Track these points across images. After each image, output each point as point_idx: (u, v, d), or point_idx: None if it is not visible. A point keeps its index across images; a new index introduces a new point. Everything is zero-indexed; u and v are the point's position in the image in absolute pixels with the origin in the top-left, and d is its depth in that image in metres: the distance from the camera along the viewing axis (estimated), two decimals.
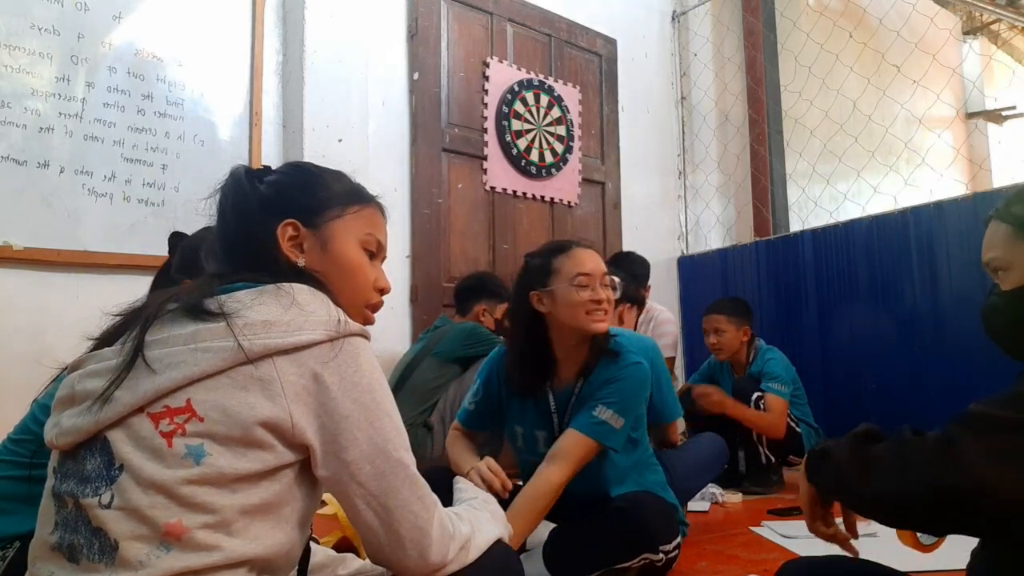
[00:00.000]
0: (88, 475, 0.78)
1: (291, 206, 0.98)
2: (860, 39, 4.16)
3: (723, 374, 3.11)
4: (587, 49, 3.97)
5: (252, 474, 0.78)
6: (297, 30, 2.80)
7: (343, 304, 0.91)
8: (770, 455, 2.78)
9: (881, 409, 3.17)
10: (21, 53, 2.24)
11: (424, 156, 3.20)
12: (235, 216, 0.97)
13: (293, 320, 0.81)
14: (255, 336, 0.79)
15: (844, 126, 3.96)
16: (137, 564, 0.74)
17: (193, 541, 0.75)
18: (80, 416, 0.80)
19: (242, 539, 0.77)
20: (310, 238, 0.97)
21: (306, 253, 0.96)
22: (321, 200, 1.00)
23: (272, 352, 0.79)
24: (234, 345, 0.78)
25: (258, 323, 0.80)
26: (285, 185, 1.00)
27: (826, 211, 4.13)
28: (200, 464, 0.76)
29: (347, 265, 0.99)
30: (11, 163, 2.21)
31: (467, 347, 2.59)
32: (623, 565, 1.55)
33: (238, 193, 0.99)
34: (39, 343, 2.16)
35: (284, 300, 0.83)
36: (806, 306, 3.53)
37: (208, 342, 0.79)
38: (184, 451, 0.76)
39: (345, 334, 0.83)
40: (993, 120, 6.21)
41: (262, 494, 0.79)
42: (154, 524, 0.74)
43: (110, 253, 2.36)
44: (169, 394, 0.78)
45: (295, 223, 0.96)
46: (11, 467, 1.33)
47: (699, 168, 4.42)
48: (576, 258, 1.66)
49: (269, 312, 0.82)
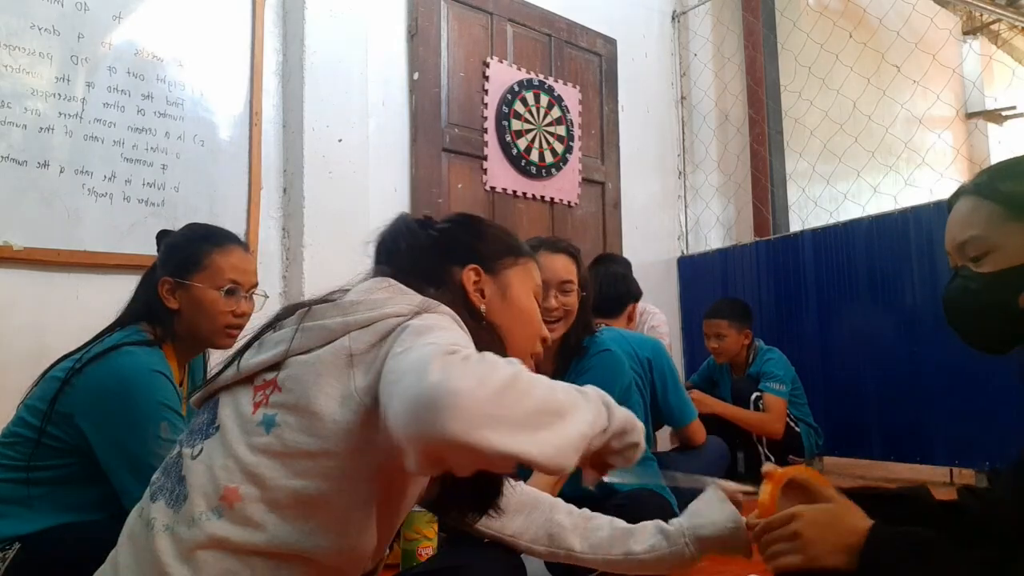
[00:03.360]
0: (195, 427, 0.85)
1: (472, 253, 1.00)
2: (860, 39, 4.16)
3: (722, 375, 3.11)
4: (587, 49, 3.97)
5: (314, 453, 0.76)
6: (297, 30, 2.80)
7: (513, 350, 0.93)
8: (770, 455, 2.78)
9: (881, 409, 3.17)
10: (21, 53, 2.24)
11: (424, 156, 3.20)
12: (412, 261, 0.96)
13: (379, 299, 0.82)
14: (341, 315, 0.80)
15: (844, 126, 3.96)
16: (190, 520, 0.76)
17: (243, 513, 0.76)
18: (213, 382, 0.87)
19: (292, 527, 0.76)
20: (491, 284, 0.99)
21: (487, 299, 0.98)
22: (498, 250, 1.03)
23: (351, 328, 0.79)
24: (324, 324, 0.80)
25: (347, 303, 0.82)
26: (462, 233, 1.03)
27: (826, 211, 4.13)
28: (269, 433, 0.77)
29: (523, 313, 1.01)
30: (11, 163, 2.21)
31: None
32: None
33: (415, 241, 0.99)
34: (39, 343, 2.16)
35: (384, 286, 0.86)
36: (806, 306, 3.53)
37: (307, 322, 0.81)
38: (261, 419, 0.78)
39: (428, 310, 0.81)
40: (993, 120, 6.21)
41: (320, 483, 0.77)
42: (217, 485, 0.77)
43: (110, 253, 2.36)
44: (269, 368, 0.81)
45: (478, 268, 0.98)
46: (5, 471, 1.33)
47: (699, 168, 4.42)
48: None
49: (365, 292, 0.84)
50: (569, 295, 1.73)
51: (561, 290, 1.72)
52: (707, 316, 3.01)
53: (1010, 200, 0.87)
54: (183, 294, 1.48)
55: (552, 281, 1.70)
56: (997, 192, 0.88)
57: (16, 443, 1.34)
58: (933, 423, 2.97)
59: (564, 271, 1.75)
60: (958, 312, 0.93)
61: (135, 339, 1.41)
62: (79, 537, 1.21)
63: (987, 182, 0.91)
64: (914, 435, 3.04)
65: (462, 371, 0.62)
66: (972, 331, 0.93)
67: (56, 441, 1.32)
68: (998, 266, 0.86)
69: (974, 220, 0.90)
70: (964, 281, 0.91)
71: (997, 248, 0.87)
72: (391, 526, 0.88)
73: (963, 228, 0.91)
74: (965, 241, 0.90)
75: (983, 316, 0.90)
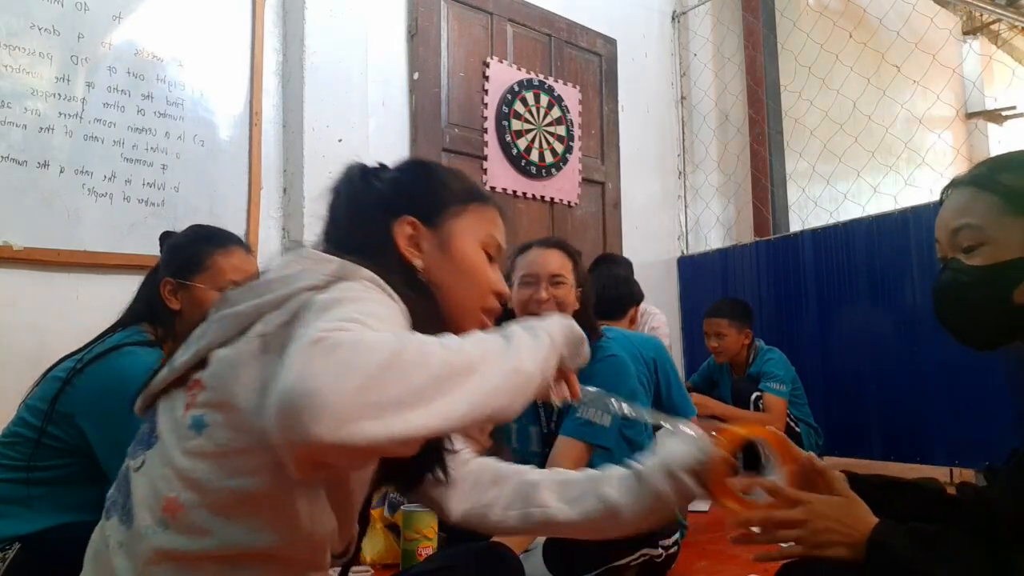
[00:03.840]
0: (139, 438, 0.81)
1: (409, 203, 0.91)
2: (860, 39, 4.15)
3: (722, 375, 3.11)
4: (587, 49, 3.97)
5: (245, 449, 0.72)
6: (297, 30, 2.80)
7: (458, 308, 0.87)
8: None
9: (881, 409, 3.17)
10: (21, 53, 2.24)
11: (424, 156, 3.19)
12: (348, 215, 0.90)
13: (295, 273, 0.75)
14: (252, 296, 0.75)
15: (844, 126, 3.95)
16: (139, 536, 0.73)
17: (187, 521, 0.72)
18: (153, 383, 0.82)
19: (239, 527, 0.72)
20: (429, 237, 0.91)
21: (424, 253, 0.90)
22: (441, 197, 0.94)
23: (264, 310, 0.73)
24: (237, 311, 0.75)
25: (260, 285, 0.76)
26: (403, 182, 0.94)
27: (826, 211, 4.13)
28: (201, 435, 0.73)
29: (467, 266, 0.92)
30: (11, 163, 2.21)
31: None
32: (623, 562, 1.55)
33: (352, 191, 0.92)
34: (39, 343, 2.16)
35: (309, 257, 0.79)
36: (806, 306, 3.53)
37: (223, 310, 0.77)
38: (190, 421, 0.74)
39: (345, 277, 0.73)
40: (993, 120, 6.21)
41: (258, 479, 0.72)
42: (158, 496, 0.73)
43: (110, 253, 2.36)
44: (196, 367, 0.76)
45: (414, 221, 0.90)
46: (5, 471, 1.33)
47: (699, 168, 4.42)
48: (527, 257, 1.76)
49: (280, 269, 0.78)
50: (560, 288, 1.72)
51: (552, 283, 1.72)
52: (707, 315, 3.01)
53: (1010, 193, 0.84)
54: (185, 295, 1.48)
55: (543, 275, 1.72)
56: (996, 184, 0.86)
57: (16, 443, 1.34)
58: (933, 423, 2.97)
59: (555, 264, 1.75)
60: (950, 305, 0.90)
61: (136, 339, 1.41)
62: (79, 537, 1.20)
63: (986, 173, 0.88)
64: (914, 435, 3.04)
65: (323, 365, 0.56)
66: (964, 325, 0.90)
67: (56, 441, 1.32)
68: (993, 259, 0.84)
69: (971, 209, 0.87)
70: (955, 274, 0.88)
71: (992, 240, 0.84)
72: (349, 504, 0.82)
73: (958, 215, 0.88)
74: (959, 228, 0.87)
75: (976, 310, 0.87)
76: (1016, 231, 0.83)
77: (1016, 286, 0.83)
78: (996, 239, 0.84)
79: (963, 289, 0.86)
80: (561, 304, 1.71)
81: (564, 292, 1.72)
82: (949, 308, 0.90)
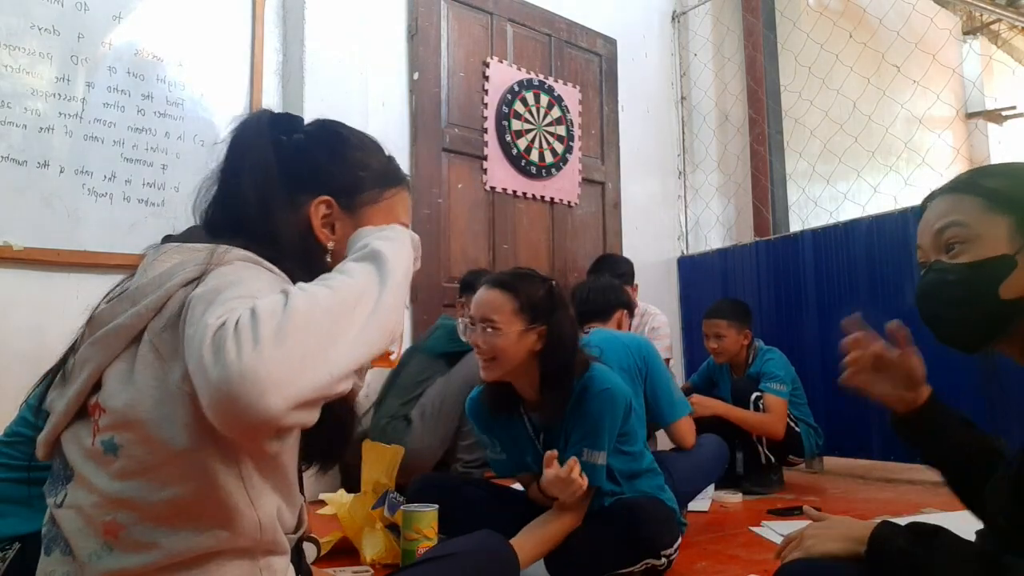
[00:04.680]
0: (55, 476, 0.78)
1: (327, 182, 0.87)
2: (860, 39, 4.15)
3: (722, 375, 3.10)
4: (587, 49, 3.97)
5: (167, 459, 0.70)
6: (297, 30, 2.80)
7: None
8: (770, 455, 2.78)
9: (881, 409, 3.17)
10: (21, 53, 2.24)
11: (424, 156, 3.20)
12: (254, 183, 0.84)
13: (168, 270, 0.73)
14: (131, 305, 0.72)
15: (844, 126, 3.96)
16: (84, 563, 0.72)
17: (131, 539, 0.71)
18: (47, 428, 0.79)
19: (184, 533, 0.71)
20: (344, 220, 0.87)
21: (336, 235, 0.87)
22: (360, 180, 0.90)
23: (145, 318, 0.71)
24: (118, 324, 0.72)
25: (134, 290, 0.74)
26: (320, 158, 0.89)
27: (826, 211, 4.13)
28: (118, 456, 0.71)
29: None
30: (11, 163, 2.21)
31: (452, 342, 2.60)
32: (625, 571, 1.56)
33: (261, 160, 0.85)
34: (39, 343, 2.16)
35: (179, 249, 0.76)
36: (806, 306, 3.53)
37: (99, 329, 0.74)
38: (102, 446, 0.72)
39: (220, 262, 0.72)
40: (993, 120, 6.21)
41: (188, 484, 0.71)
42: (95, 525, 0.72)
43: (110, 253, 2.36)
44: (92, 392, 0.74)
45: (330, 201, 0.87)
46: (6, 470, 1.33)
47: (699, 168, 4.42)
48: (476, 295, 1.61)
49: (151, 268, 0.74)
50: (493, 335, 1.51)
51: (483, 325, 1.53)
52: (706, 316, 3.01)
53: (992, 193, 0.85)
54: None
55: (475, 317, 1.55)
56: (978, 187, 0.87)
57: (18, 442, 1.34)
58: None
59: (484, 306, 1.55)
60: (935, 305, 0.89)
61: None
62: None
63: (967, 179, 0.90)
64: None
65: (236, 346, 0.58)
66: (950, 324, 0.89)
67: None
68: (978, 256, 0.84)
69: (955, 209, 0.88)
70: (939, 274, 0.88)
71: (977, 237, 0.85)
72: (287, 481, 0.80)
73: (942, 217, 0.89)
74: (945, 227, 0.88)
75: (962, 307, 0.86)
76: (1001, 227, 0.84)
77: (1002, 281, 0.83)
78: (981, 236, 0.85)
79: (949, 287, 0.86)
80: (494, 351, 1.52)
81: (494, 341, 1.51)
82: (935, 308, 0.90)
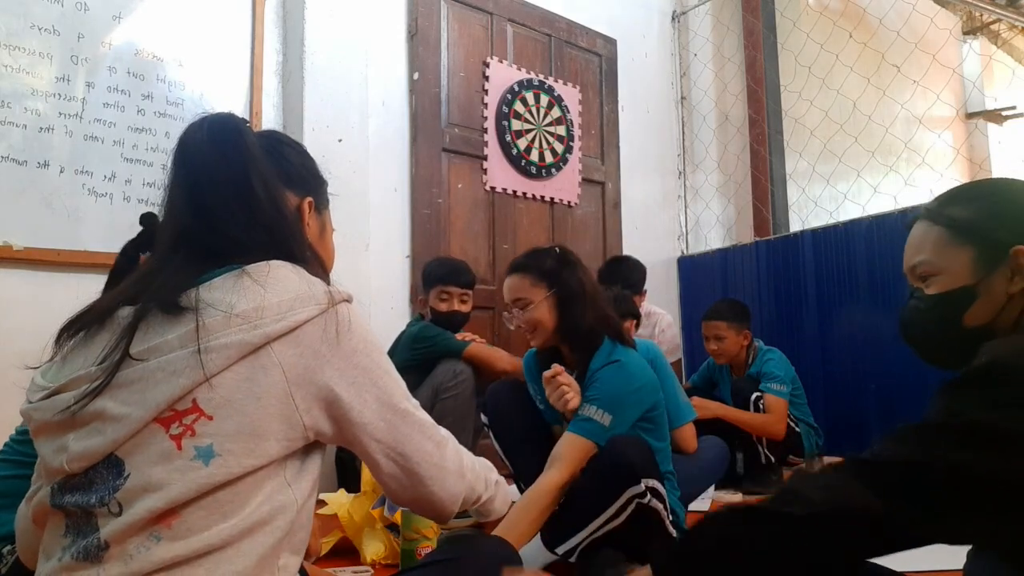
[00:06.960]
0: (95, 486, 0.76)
1: (314, 185, 1.00)
2: (860, 39, 4.16)
3: (722, 375, 3.10)
4: (587, 49, 3.97)
5: (258, 467, 0.76)
6: (297, 30, 2.80)
7: None
8: (770, 455, 2.78)
9: (881, 409, 3.17)
10: (21, 53, 2.24)
11: (424, 156, 3.20)
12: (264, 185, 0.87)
13: (283, 301, 0.79)
14: (251, 327, 0.77)
15: (844, 126, 3.96)
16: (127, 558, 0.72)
17: (183, 527, 0.73)
18: (91, 438, 0.77)
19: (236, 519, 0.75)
20: (314, 221, 0.99)
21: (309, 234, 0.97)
22: (323, 185, 1.03)
23: (271, 339, 0.77)
24: (234, 340, 0.76)
25: (250, 311, 0.77)
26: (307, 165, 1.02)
27: (826, 211, 4.14)
28: (209, 465, 0.74)
29: (329, 256, 1.03)
30: (11, 163, 2.21)
31: (412, 351, 2.50)
32: (612, 511, 1.51)
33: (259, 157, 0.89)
34: (40, 343, 2.14)
35: (267, 281, 0.80)
36: (806, 306, 3.53)
37: (206, 341, 0.75)
38: (193, 453, 0.74)
39: (335, 302, 0.83)
40: (993, 120, 6.21)
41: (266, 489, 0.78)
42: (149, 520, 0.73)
43: (110, 253, 2.34)
44: (178, 400, 0.75)
45: (312, 202, 0.98)
46: (14, 466, 1.33)
47: (699, 168, 4.42)
48: None
49: (256, 297, 0.78)
50: (527, 310, 1.77)
51: (517, 307, 1.79)
52: (705, 318, 3.00)
53: (954, 223, 0.94)
54: None
55: (508, 302, 1.81)
56: (943, 216, 0.96)
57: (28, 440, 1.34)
58: None
59: (510, 291, 1.81)
60: (912, 332, 1.01)
61: None
62: None
63: (936, 207, 0.98)
64: None
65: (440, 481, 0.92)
66: (927, 350, 1.00)
67: None
68: (944, 288, 0.94)
69: (923, 244, 0.98)
70: (915, 302, 0.99)
71: (942, 271, 0.95)
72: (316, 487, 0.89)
73: (913, 252, 1.00)
74: (915, 265, 0.99)
75: (933, 335, 0.98)
76: (963, 259, 0.93)
77: (965, 311, 0.93)
78: (945, 269, 0.95)
79: (921, 316, 0.98)
80: (532, 323, 1.76)
81: (531, 314, 1.76)
82: (912, 334, 1.01)
